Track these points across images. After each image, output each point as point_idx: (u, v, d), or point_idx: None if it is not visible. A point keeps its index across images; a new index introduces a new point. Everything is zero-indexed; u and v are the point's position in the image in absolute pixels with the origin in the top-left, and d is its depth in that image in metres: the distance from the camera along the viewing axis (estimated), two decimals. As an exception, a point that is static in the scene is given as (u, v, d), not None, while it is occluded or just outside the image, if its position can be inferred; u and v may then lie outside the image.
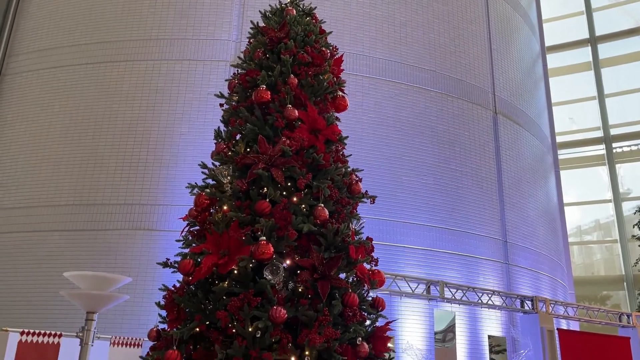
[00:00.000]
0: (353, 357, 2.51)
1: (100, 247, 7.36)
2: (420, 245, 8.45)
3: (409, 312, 7.38)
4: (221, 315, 2.40)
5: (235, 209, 2.67)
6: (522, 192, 10.54)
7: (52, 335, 4.19)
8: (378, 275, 2.91)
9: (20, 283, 7.21)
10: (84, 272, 4.49)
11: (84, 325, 4.39)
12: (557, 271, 10.73)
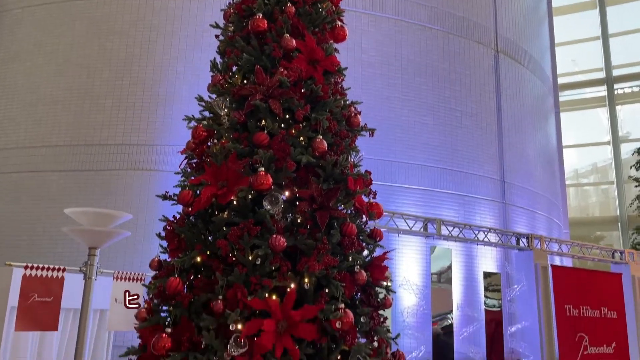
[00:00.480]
0: (351, 284, 2.57)
1: (99, 187, 7.39)
2: (419, 185, 8.49)
3: (406, 250, 7.52)
4: (221, 244, 2.43)
5: (233, 140, 2.66)
6: (522, 132, 10.50)
7: (55, 269, 4.26)
8: (376, 207, 2.93)
9: (22, 222, 7.29)
10: (85, 209, 4.53)
11: (87, 261, 4.48)
12: (553, 211, 10.86)
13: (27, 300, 4.04)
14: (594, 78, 20.51)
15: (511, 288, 7.52)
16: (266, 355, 2.23)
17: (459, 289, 7.41)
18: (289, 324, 2.30)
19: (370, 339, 2.64)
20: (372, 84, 8.19)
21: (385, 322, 2.79)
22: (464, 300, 7.42)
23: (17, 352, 4.85)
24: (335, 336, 2.44)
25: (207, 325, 2.30)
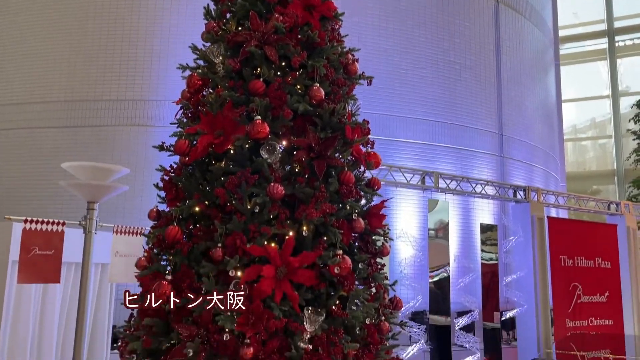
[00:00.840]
0: (349, 231, 2.58)
1: (95, 144, 7.36)
2: (417, 139, 8.47)
3: (404, 203, 7.57)
4: (219, 192, 2.43)
5: (228, 89, 2.61)
6: (521, 85, 10.39)
7: (55, 223, 4.28)
8: (374, 157, 2.92)
9: (20, 178, 7.29)
10: (83, 163, 4.51)
11: (86, 215, 4.50)
12: (550, 164, 10.88)
13: (28, 253, 4.08)
14: (595, 30, 20.19)
15: (507, 240, 7.61)
16: (266, 300, 2.26)
17: (455, 241, 7.50)
18: (288, 270, 2.32)
19: (368, 285, 2.68)
20: (369, 35, 8.04)
21: (383, 269, 2.82)
22: (460, 252, 7.53)
23: (21, 305, 4.93)
24: (334, 282, 2.47)
25: (207, 272, 2.33)
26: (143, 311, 2.45)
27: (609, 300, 7.87)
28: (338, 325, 2.37)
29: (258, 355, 2.18)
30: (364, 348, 2.44)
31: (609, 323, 7.78)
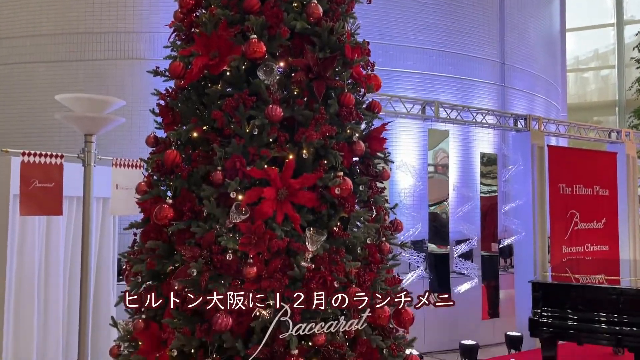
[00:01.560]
0: (349, 154, 2.56)
1: (89, 78, 7.22)
2: (417, 69, 8.30)
3: (404, 134, 7.53)
4: (217, 115, 2.38)
5: (222, 7, 2.51)
6: (525, 12, 10.07)
7: (53, 156, 4.25)
8: (374, 79, 2.85)
9: (15, 113, 7.21)
10: (77, 95, 4.43)
11: (84, 147, 4.46)
12: (552, 93, 10.74)
13: (29, 186, 4.08)
14: (603, -49, 19.42)
15: (507, 169, 7.63)
16: (267, 221, 2.26)
17: (455, 171, 7.51)
18: (289, 192, 2.32)
19: (368, 207, 2.68)
20: (368, -41, 7.70)
21: (384, 192, 2.82)
22: (460, 181, 7.56)
23: (25, 239, 4.99)
24: (335, 204, 2.47)
25: (208, 195, 2.32)
26: (145, 235, 2.47)
27: (605, 227, 8.00)
28: (339, 246, 2.39)
29: (261, 274, 2.21)
30: (365, 267, 2.48)
31: (604, 249, 7.94)
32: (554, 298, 4.60)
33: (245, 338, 2.21)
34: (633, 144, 8.58)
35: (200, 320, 2.21)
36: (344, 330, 2.28)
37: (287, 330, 2.14)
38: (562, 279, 4.93)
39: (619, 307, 4.36)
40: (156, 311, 2.41)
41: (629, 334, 4.22)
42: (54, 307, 5.22)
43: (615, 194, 8.19)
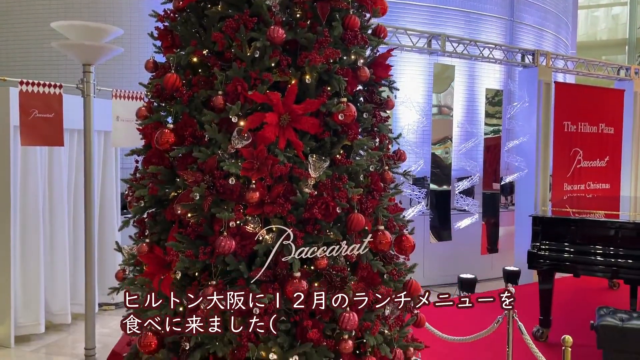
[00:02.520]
0: (353, 80, 2.50)
1: (86, 7, 7.01)
2: (423, 1, 8.03)
3: (408, 69, 7.37)
4: (217, 37, 2.31)
5: None
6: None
7: (52, 85, 4.19)
8: (380, 2, 2.74)
9: (14, 46, 7.06)
10: (73, 22, 4.30)
11: (83, 77, 4.38)
12: (561, 29, 10.42)
13: (28, 116, 4.04)
14: None
15: (512, 105, 7.52)
16: (270, 147, 2.24)
17: (460, 106, 7.41)
18: (291, 117, 2.28)
19: (372, 135, 2.65)
20: None
21: (388, 120, 2.78)
22: (464, 118, 7.48)
23: (28, 170, 5.00)
24: (338, 131, 2.44)
25: (209, 120, 2.28)
26: (147, 161, 2.45)
27: (608, 165, 7.98)
28: (342, 173, 2.38)
29: (264, 199, 2.21)
30: (367, 194, 2.48)
31: (606, 187, 7.96)
32: (553, 232, 4.65)
33: (248, 262, 2.24)
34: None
35: (203, 244, 2.23)
36: (345, 255, 2.30)
37: (290, 254, 2.17)
38: (562, 214, 4.96)
39: (617, 240, 4.41)
40: (160, 235, 2.44)
41: (626, 266, 4.29)
42: (59, 236, 5.31)
43: (620, 133, 8.12)
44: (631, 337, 3.50)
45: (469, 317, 5.42)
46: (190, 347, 2.21)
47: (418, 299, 2.71)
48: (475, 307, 6.11)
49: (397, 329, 2.57)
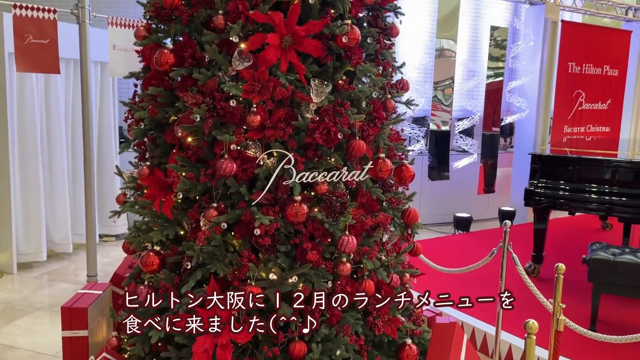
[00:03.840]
0: (358, 2, 2.41)
1: None
2: None
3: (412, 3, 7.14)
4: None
5: None
6: None
7: (46, 10, 4.07)
8: None
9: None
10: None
11: (77, 3, 4.25)
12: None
13: (23, 41, 3.95)
14: None
15: (516, 44, 7.37)
16: (271, 69, 2.20)
17: (464, 44, 7.25)
18: (294, 39, 2.22)
19: (376, 62, 2.60)
20: None
21: (392, 47, 2.72)
22: (467, 55, 7.34)
23: (24, 97, 4.94)
24: (341, 56, 2.39)
25: (209, 41, 2.23)
26: (146, 82, 2.41)
27: (609, 108, 7.92)
28: (344, 99, 2.35)
29: (265, 122, 2.19)
30: (369, 122, 2.46)
31: (606, 130, 7.94)
32: (551, 170, 4.67)
33: (249, 185, 2.25)
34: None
35: (204, 167, 2.23)
36: (345, 181, 2.31)
37: (291, 178, 2.17)
38: (560, 153, 4.96)
39: (612, 179, 4.44)
40: (160, 159, 2.44)
41: (620, 204, 4.34)
42: (58, 166, 5.32)
43: (624, 75, 8.01)
44: (622, 271, 3.59)
45: (466, 252, 5.54)
46: (192, 266, 2.25)
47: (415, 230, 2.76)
48: (472, 242, 6.25)
49: (394, 255, 2.62)
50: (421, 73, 6.90)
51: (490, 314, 3.61)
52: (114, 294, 2.96)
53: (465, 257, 3.98)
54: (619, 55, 7.86)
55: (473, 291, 4.44)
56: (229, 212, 2.20)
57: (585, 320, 3.74)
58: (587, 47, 7.37)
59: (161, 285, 2.30)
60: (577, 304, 4.05)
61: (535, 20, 7.13)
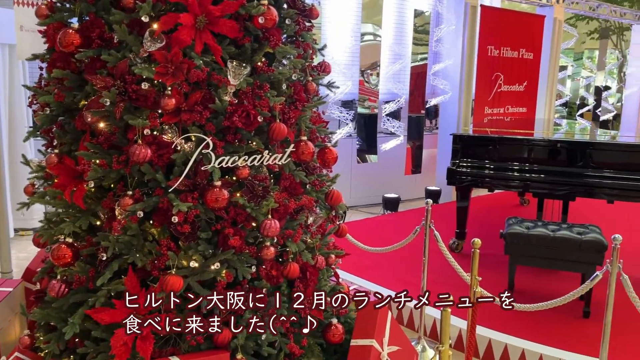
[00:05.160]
0: (275, -17, 2.39)
1: None
2: None
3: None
4: None
5: None
6: None
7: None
8: None
9: None
10: None
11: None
12: (490, -48, 10.38)
13: None
14: None
15: (439, 28, 7.56)
16: (185, 50, 2.12)
17: (389, 28, 7.35)
18: (209, 19, 2.15)
19: (296, 44, 2.58)
20: None
21: (312, 29, 2.70)
22: (393, 39, 7.45)
23: None
24: (259, 37, 2.35)
25: (118, 20, 2.12)
26: (51, 64, 2.27)
27: (526, 90, 8.32)
28: (263, 81, 2.31)
29: (181, 106, 2.12)
30: (290, 104, 2.44)
31: (522, 110, 8.35)
32: (472, 149, 4.85)
33: (166, 172, 2.18)
34: (562, 8, 8.68)
35: (117, 154, 2.13)
36: (267, 165, 2.29)
37: (210, 163, 2.12)
38: (481, 133, 5.17)
39: (529, 157, 4.67)
40: (70, 146, 2.31)
41: (535, 180, 4.59)
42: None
43: (539, 58, 8.42)
44: (535, 243, 3.80)
45: (394, 231, 5.68)
46: (108, 258, 2.16)
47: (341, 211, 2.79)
48: (400, 222, 6.37)
49: (319, 237, 2.64)
50: (349, 57, 6.94)
51: (415, 287, 3.73)
52: (26, 290, 2.80)
53: (393, 236, 4.08)
54: (533, 39, 8.26)
55: (400, 268, 4.58)
56: (145, 200, 2.12)
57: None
58: (504, 31, 7.69)
59: (75, 279, 2.19)
60: (496, 276, 4.26)
61: (456, 5, 7.34)
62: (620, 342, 3.26)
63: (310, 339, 2.53)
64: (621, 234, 2.63)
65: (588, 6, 9.42)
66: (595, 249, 3.62)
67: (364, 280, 4.29)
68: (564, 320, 3.64)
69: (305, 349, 2.48)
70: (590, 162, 4.44)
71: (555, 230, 3.87)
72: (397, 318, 3.88)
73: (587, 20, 14.09)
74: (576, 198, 4.60)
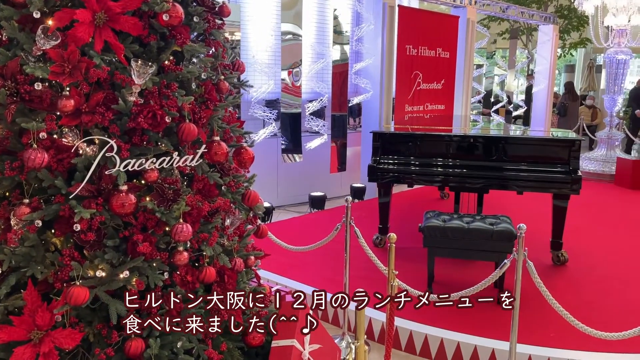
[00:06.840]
0: (181, -21, 2.31)
1: None
2: None
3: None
4: None
5: None
6: None
7: None
8: None
9: None
10: None
11: None
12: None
13: None
14: None
15: (359, 27, 7.68)
16: (84, 49, 2.01)
17: (311, 29, 7.38)
18: (109, 16, 2.05)
19: (206, 42, 2.51)
20: None
21: (223, 27, 2.65)
22: (314, 38, 7.49)
23: None
24: (166, 35, 2.27)
25: (8, 16, 1.97)
26: None
27: (443, 88, 8.64)
28: (171, 80, 2.24)
29: (81, 107, 2.01)
30: (201, 104, 2.37)
31: (441, 107, 8.66)
32: (392, 146, 4.97)
33: (67, 177, 2.05)
34: (474, 9, 9.07)
35: (10, 159, 1.98)
36: (178, 167, 2.22)
37: (114, 167, 2.02)
38: (402, 130, 5.30)
39: (447, 152, 4.84)
40: (-43, 153, 2.12)
41: (453, 174, 4.76)
42: None
43: (454, 57, 8.77)
44: (451, 235, 3.94)
45: (320, 229, 5.71)
46: (4, 271, 2.01)
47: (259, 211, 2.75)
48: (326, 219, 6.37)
49: (236, 239, 2.59)
50: (270, 56, 6.90)
51: (338, 284, 3.76)
52: None
53: (319, 234, 4.09)
54: (449, 39, 8.59)
55: (324, 265, 4.60)
56: (45, 208, 1.99)
57: (423, 283, 4.07)
58: (421, 30, 7.93)
59: (-33, 296, 2.02)
60: (416, 269, 4.38)
61: (375, 4, 7.49)
62: (527, 324, 3.44)
63: (229, 342, 2.48)
64: (529, 223, 2.78)
65: (499, 7, 9.91)
66: (505, 238, 3.81)
67: (288, 279, 4.28)
68: (479, 307, 3.80)
69: (225, 354, 2.43)
70: (502, 155, 4.66)
71: (470, 222, 4.03)
72: (323, 315, 3.90)
73: (499, 21, 14.85)
74: (489, 190, 4.82)
